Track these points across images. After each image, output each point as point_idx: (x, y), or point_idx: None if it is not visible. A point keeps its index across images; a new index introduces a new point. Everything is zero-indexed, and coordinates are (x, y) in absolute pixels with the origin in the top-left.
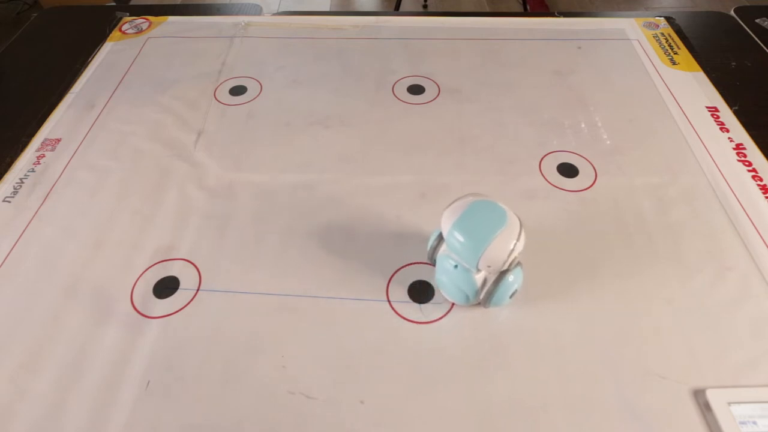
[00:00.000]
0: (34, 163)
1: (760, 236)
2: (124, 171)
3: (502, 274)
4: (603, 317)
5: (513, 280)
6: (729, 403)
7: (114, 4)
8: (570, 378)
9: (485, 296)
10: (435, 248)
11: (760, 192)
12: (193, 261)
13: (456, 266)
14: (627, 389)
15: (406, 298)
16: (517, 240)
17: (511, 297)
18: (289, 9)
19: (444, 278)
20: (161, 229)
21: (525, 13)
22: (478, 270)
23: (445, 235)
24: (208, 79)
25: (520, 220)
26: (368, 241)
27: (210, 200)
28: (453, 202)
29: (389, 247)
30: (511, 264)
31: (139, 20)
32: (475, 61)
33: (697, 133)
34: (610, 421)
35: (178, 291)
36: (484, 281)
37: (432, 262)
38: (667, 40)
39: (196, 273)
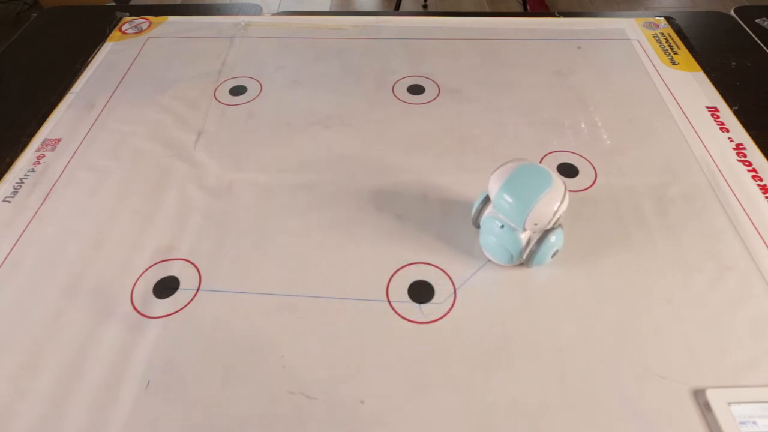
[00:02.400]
0: (34, 163)
1: (760, 236)
2: (124, 171)
3: (545, 234)
4: (603, 317)
5: (555, 240)
6: (729, 403)
7: (114, 4)
8: (570, 378)
9: (528, 255)
10: (480, 212)
11: (760, 192)
12: (193, 261)
13: (502, 226)
14: (627, 389)
15: (406, 298)
16: (561, 202)
17: (552, 257)
18: (289, 9)
19: (490, 239)
20: (161, 229)
21: (525, 13)
22: (524, 230)
23: (492, 196)
24: (208, 79)
25: (564, 183)
26: (368, 241)
27: (210, 200)
28: (499, 167)
29: (389, 247)
30: (554, 224)
31: (139, 20)
32: (475, 61)
33: (697, 133)
34: (610, 421)
35: (178, 291)
36: (528, 241)
37: (476, 227)
38: (667, 40)
39: (196, 273)
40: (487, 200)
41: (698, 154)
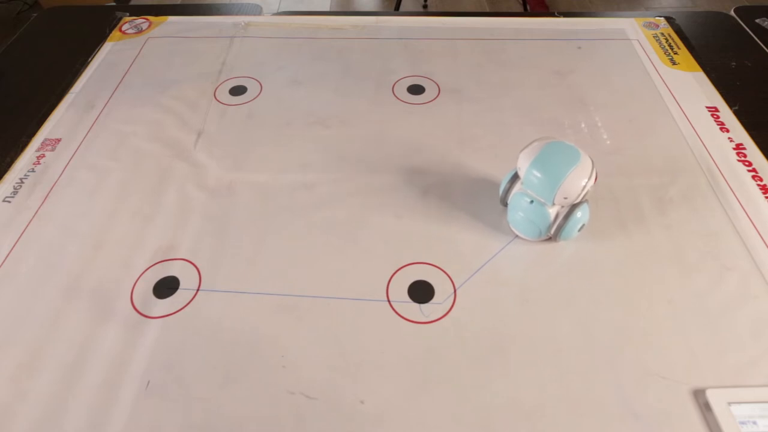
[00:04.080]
0: (34, 163)
1: (760, 236)
2: (124, 171)
3: (572, 208)
4: (603, 317)
5: (581, 215)
6: (729, 403)
7: (114, 4)
8: (570, 378)
9: (556, 230)
10: (507, 191)
11: (760, 192)
12: (193, 261)
13: (531, 202)
14: (627, 389)
15: (406, 298)
16: (589, 177)
17: (579, 231)
18: (289, 9)
19: (519, 215)
20: (161, 229)
21: (525, 13)
22: (553, 204)
23: (522, 173)
24: (208, 79)
25: (592, 159)
26: (368, 241)
27: (210, 200)
28: (528, 145)
29: (389, 247)
30: (582, 198)
31: (139, 20)
32: (475, 61)
33: (697, 133)
34: (610, 421)
35: (178, 291)
36: (556, 216)
37: (504, 204)
38: (667, 40)
39: (196, 273)
40: (514, 179)
41: (698, 154)
